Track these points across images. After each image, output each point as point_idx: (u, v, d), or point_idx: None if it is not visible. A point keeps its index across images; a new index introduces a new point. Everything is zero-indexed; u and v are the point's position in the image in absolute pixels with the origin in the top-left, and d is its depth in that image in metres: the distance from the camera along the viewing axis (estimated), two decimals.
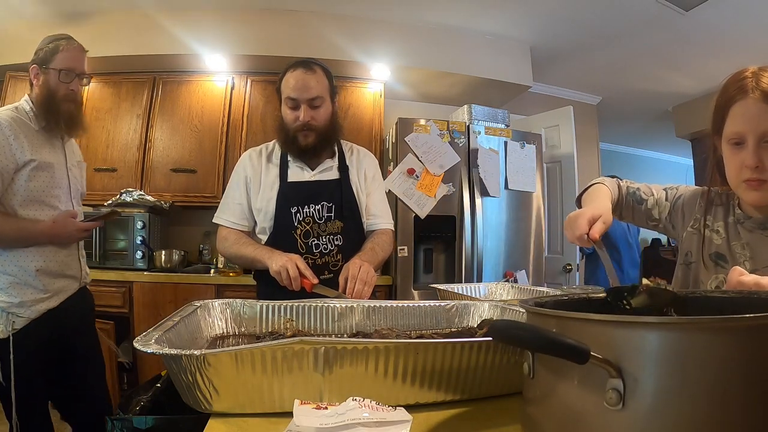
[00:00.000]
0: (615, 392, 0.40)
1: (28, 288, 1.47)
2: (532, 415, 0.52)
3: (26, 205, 1.48)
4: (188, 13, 2.97)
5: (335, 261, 1.44)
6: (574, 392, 0.44)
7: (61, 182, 1.57)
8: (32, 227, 1.48)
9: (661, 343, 0.40)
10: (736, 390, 0.38)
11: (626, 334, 0.41)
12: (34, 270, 1.48)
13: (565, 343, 0.40)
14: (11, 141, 1.44)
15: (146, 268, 2.82)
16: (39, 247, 1.50)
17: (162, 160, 3.06)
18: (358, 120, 3.23)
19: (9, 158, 1.43)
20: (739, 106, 0.88)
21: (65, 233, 1.53)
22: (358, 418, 0.51)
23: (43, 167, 1.50)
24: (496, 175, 2.95)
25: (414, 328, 1.04)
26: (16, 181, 1.46)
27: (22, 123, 1.49)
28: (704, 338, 0.39)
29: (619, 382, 0.40)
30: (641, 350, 0.40)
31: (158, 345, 0.62)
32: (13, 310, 1.45)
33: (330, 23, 3.06)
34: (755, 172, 0.88)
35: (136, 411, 0.68)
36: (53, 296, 1.53)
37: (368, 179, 1.56)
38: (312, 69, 1.43)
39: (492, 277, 2.88)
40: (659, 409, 0.39)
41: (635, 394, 0.39)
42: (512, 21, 3.16)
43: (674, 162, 6.34)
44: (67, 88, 1.54)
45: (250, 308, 0.99)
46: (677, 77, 3.87)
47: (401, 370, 0.63)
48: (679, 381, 0.39)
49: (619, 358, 0.40)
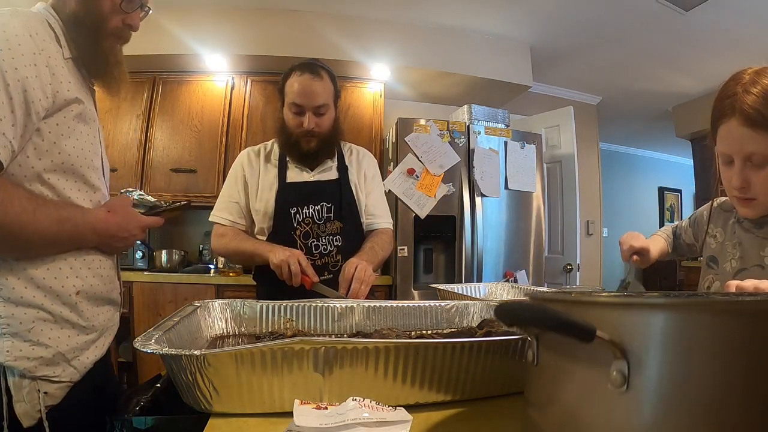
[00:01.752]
0: (619, 374, 0.40)
1: (64, 326, 0.86)
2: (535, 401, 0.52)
3: (55, 175, 0.86)
4: (188, 13, 2.97)
5: (335, 261, 1.43)
6: (579, 375, 0.44)
7: (99, 149, 0.99)
8: (80, 217, 0.87)
9: (667, 324, 0.40)
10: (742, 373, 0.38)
11: (631, 316, 0.41)
12: (74, 293, 0.87)
13: (572, 322, 0.41)
14: (49, 59, 0.83)
15: (146, 268, 2.83)
16: (78, 255, 0.89)
17: (162, 160, 3.06)
18: (358, 120, 3.23)
19: (45, 84, 0.81)
20: (725, 127, 0.87)
21: (127, 231, 0.96)
22: (358, 418, 0.51)
23: (87, 118, 0.92)
24: (496, 175, 2.95)
25: (414, 328, 1.04)
26: (44, 133, 0.83)
27: (51, 38, 0.87)
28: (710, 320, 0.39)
29: (624, 364, 0.40)
30: (646, 331, 0.40)
31: (158, 345, 0.62)
32: (44, 373, 0.82)
33: (330, 23, 3.06)
34: (742, 192, 0.90)
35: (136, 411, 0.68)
36: (100, 336, 0.94)
37: (368, 179, 1.55)
38: (319, 75, 1.40)
39: (492, 277, 2.88)
40: (664, 390, 0.39)
41: (640, 376, 0.39)
42: (512, 21, 3.16)
43: (674, 162, 6.34)
44: (123, 21, 0.95)
45: (250, 308, 0.99)
46: (677, 77, 3.87)
47: (401, 370, 0.63)
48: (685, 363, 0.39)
49: (624, 339, 0.40)
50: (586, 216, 4.16)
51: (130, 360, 2.62)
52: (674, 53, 3.44)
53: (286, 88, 1.43)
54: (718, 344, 0.38)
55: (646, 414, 0.39)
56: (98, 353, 0.93)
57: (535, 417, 0.51)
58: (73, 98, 0.88)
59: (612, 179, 5.34)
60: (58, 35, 0.89)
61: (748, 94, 0.83)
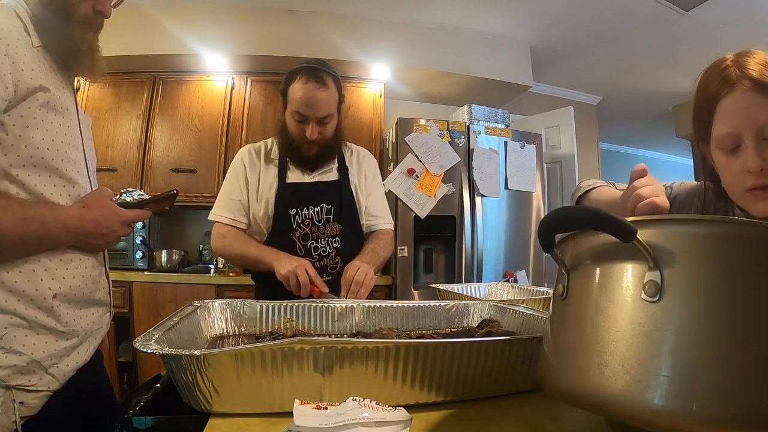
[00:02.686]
0: (653, 284, 0.42)
1: (40, 332, 0.80)
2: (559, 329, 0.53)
3: (24, 171, 0.80)
4: (188, 13, 2.97)
5: (334, 263, 1.42)
6: (612, 287, 0.46)
7: (76, 140, 0.92)
8: (49, 215, 0.81)
9: (699, 240, 0.42)
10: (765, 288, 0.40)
11: (667, 230, 0.44)
12: (50, 296, 0.82)
13: (615, 219, 0.43)
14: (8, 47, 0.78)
15: (146, 268, 2.82)
16: (54, 255, 0.84)
17: (162, 160, 3.06)
18: (358, 120, 3.23)
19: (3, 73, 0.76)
20: (727, 101, 0.73)
21: (105, 227, 0.89)
22: (358, 418, 0.51)
23: (57, 106, 0.86)
24: (496, 175, 2.96)
25: (414, 328, 1.04)
26: (8, 126, 0.78)
27: (17, 27, 0.83)
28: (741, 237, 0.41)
29: (657, 274, 0.42)
30: (680, 245, 0.42)
31: (158, 345, 0.62)
32: (18, 381, 0.77)
33: (330, 23, 3.06)
34: (761, 176, 0.71)
35: (136, 411, 0.68)
36: (82, 342, 0.88)
37: (368, 179, 1.53)
38: (325, 84, 1.34)
39: (492, 277, 2.88)
40: (695, 302, 0.41)
41: (672, 287, 0.41)
42: (512, 21, 3.16)
43: (674, 162, 6.34)
44: (93, 7, 0.90)
45: (250, 308, 0.99)
46: (677, 77, 3.87)
47: (401, 370, 0.63)
48: (715, 276, 0.41)
49: (658, 252, 0.42)
50: None
51: (130, 360, 2.62)
52: (674, 53, 3.44)
53: (290, 94, 1.38)
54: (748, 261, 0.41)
55: (675, 322, 0.41)
56: (81, 359, 0.87)
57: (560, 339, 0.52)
58: (37, 86, 0.81)
59: (612, 179, 5.30)
60: (26, 24, 0.84)
61: (748, 59, 0.73)
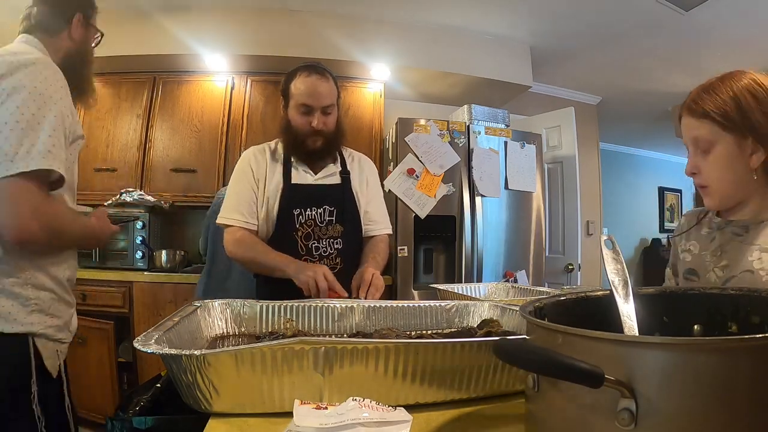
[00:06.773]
0: (627, 412, 0.39)
1: (63, 304, 1.12)
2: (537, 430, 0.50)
3: (67, 193, 1.12)
4: (188, 13, 2.96)
5: (334, 264, 1.45)
6: (584, 412, 0.43)
7: None
8: (88, 225, 1.15)
9: (676, 363, 0.39)
10: (749, 410, 0.38)
11: (640, 354, 0.40)
12: (65, 279, 1.12)
13: (579, 368, 0.39)
14: (69, 100, 1.06)
15: (146, 268, 2.82)
16: (70, 252, 1.17)
17: (162, 160, 3.06)
18: (358, 120, 3.23)
19: (74, 122, 1.07)
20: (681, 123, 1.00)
21: (105, 235, 1.21)
22: (358, 418, 0.51)
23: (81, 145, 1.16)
24: (496, 175, 2.95)
25: (414, 328, 1.04)
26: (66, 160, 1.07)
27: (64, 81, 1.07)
28: (718, 359, 0.38)
29: (632, 402, 0.39)
30: (655, 370, 0.39)
31: (158, 345, 0.62)
32: (59, 336, 1.09)
33: (330, 23, 3.06)
34: (696, 179, 0.97)
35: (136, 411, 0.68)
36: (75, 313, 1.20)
37: (369, 185, 1.57)
38: (325, 75, 1.43)
39: (492, 277, 2.88)
40: (673, 428, 0.38)
41: (649, 414, 0.39)
42: (512, 21, 3.16)
43: (674, 162, 6.34)
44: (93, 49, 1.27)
45: (250, 308, 0.99)
46: (677, 77, 3.87)
47: (401, 370, 0.63)
48: (694, 401, 0.38)
49: (631, 377, 0.39)
50: (587, 216, 4.16)
51: (130, 360, 2.62)
52: (674, 53, 3.44)
53: (292, 89, 1.43)
54: (727, 382, 0.38)
55: None
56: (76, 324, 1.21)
57: None
58: (80, 135, 1.11)
59: (612, 179, 5.32)
60: None
61: (693, 92, 0.97)
